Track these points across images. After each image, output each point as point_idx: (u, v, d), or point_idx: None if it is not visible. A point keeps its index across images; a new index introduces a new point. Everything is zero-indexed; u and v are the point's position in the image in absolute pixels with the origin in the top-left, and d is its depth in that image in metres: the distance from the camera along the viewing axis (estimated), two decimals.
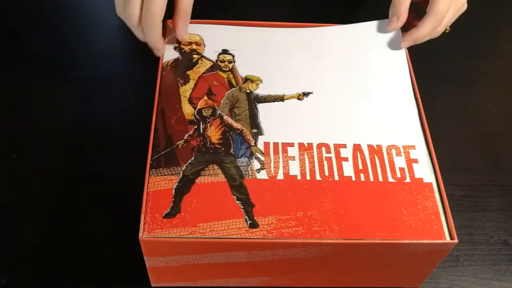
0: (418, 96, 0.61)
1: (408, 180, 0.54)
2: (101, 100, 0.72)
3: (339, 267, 0.54)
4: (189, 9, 0.60)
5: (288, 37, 0.65)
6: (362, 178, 0.54)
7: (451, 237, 0.51)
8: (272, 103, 0.59)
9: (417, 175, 0.54)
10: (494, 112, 0.77)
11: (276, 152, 0.55)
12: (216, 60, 0.62)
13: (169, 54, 0.62)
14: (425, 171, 0.55)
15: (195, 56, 0.62)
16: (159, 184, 0.51)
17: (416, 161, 0.55)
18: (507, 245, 0.63)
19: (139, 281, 0.56)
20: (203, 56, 0.62)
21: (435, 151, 0.56)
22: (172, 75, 0.60)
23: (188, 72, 0.61)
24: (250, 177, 0.53)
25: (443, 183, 0.54)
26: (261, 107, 0.58)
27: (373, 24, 0.66)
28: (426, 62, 0.69)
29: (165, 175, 0.52)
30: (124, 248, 0.56)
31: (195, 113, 0.57)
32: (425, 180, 0.54)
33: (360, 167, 0.54)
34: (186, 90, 0.59)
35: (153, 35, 0.58)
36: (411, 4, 0.63)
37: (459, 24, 0.67)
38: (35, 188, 0.63)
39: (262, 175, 0.53)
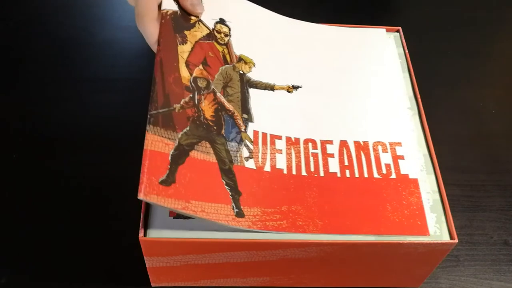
0: (418, 96, 0.61)
1: (393, 176, 0.54)
2: (101, 100, 0.72)
3: (339, 267, 0.54)
4: None
5: (286, 27, 0.64)
6: (348, 174, 0.54)
7: (451, 237, 0.51)
8: (263, 90, 0.58)
9: (402, 171, 0.54)
10: (494, 112, 0.77)
11: (264, 142, 0.55)
12: (213, 29, 0.58)
13: (168, 3, 0.55)
14: (410, 167, 0.55)
15: (193, 17, 0.58)
16: (157, 145, 0.49)
17: (402, 157, 0.55)
18: (507, 245, 0.63)
19: (139, 281, 0.56)
20: (200, 21, 0.58)
21: (435, 151, 0.56)
22: (171, 28, 0.55)
23: (185, 32, 0.56)
24: (239, 163, 0.52)
25: (443, 183, 0.54)
26: (252, 93, 0.57)
27: (369, 30, 0.66)
28: (426, 62, 0.69)
29: (162, 136, 0.49)
30: (124, 248, 0.56)
31: (191, 80, 0.54)
32: (410, 177, 0.54)
33: (346, 163, 0.54)
34: (183, 51, 0.55)
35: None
36: None
37: (459, 23, 0.68)
38: (35, 188, 0.63)
39: (250, 164, 0.53)
